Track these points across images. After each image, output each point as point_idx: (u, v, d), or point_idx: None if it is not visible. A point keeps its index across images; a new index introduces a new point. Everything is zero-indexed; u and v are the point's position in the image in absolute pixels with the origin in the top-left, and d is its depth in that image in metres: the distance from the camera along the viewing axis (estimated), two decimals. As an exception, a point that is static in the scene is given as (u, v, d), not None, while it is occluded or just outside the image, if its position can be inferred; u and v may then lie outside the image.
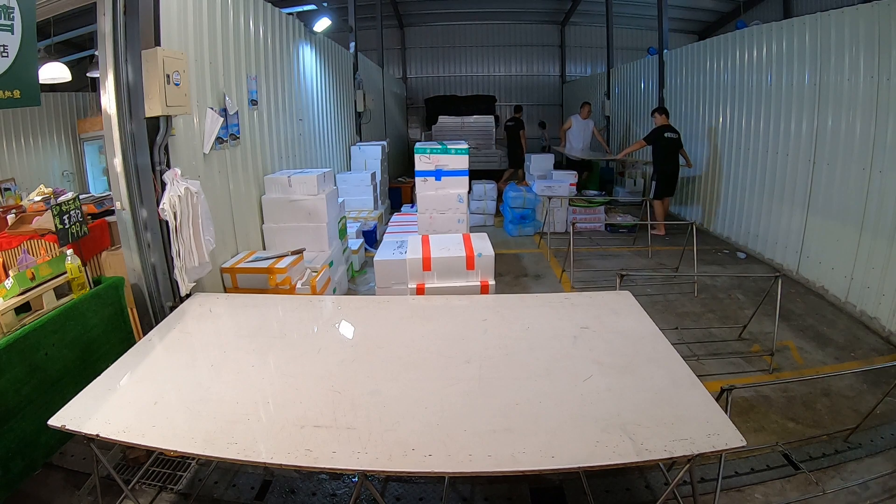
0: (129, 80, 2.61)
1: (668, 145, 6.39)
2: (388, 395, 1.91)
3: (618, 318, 2.50)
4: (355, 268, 5.27)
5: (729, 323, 4.01)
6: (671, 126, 6.48)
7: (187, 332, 2.47)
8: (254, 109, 4.12)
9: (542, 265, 5.65)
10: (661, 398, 1.84)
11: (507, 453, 1.59)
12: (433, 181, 4.30)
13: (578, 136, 8.83)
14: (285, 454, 1.61)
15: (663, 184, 6.53)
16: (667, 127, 6.44)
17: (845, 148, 4.25)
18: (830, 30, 4.39)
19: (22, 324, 2.26)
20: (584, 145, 8.88)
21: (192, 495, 2.36)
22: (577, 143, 8.84)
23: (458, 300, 2.83)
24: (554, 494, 2.35)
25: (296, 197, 4.07)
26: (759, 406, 2.93)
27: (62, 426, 1.76)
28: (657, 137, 6.43)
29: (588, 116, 8.85)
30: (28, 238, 3.22)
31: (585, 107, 8.89)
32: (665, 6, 7.99)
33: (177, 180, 2.70)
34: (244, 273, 3.38)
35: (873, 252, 3.89)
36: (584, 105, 8.94)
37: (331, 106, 6.59)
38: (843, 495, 2.27)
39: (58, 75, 5.28)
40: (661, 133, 6.40)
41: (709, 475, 2.35)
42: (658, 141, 6.43)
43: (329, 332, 2.59)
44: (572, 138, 8.88)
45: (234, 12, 3.75)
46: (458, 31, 14.83)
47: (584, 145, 8.90)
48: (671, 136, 6.38)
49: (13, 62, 2.17)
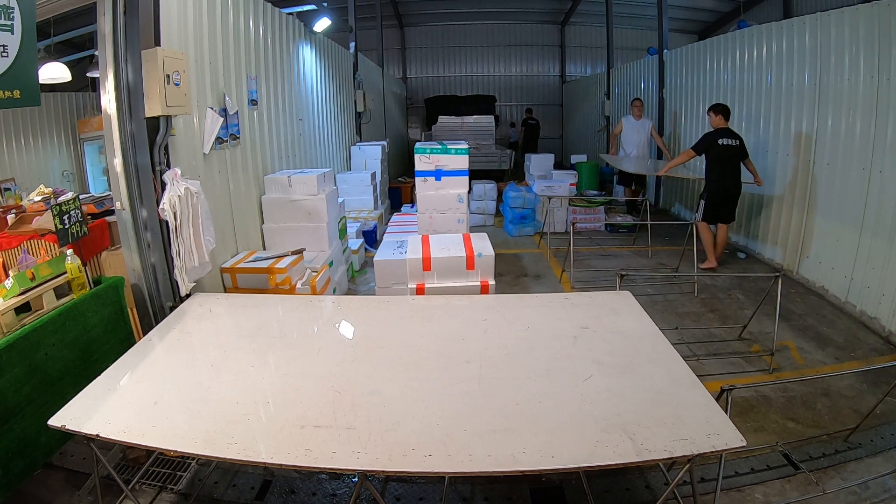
0: (129, 80, 2.61)
1: (725, 155, 4.95)
2: (388, 395, 1.91)
3: (618, 318, 2.50)
4: (355, 268, 5.27)
5: (729, 323, 4.01)
6: (730, 130, 5.03)
7: (187, 332, 2.47)
8: (254, 109, 4.12)
9: (542, 265, 5.65)
10: (661, 398, 1.84)
11: (507, 453, 1.59)
12: (433, 181, 4.30)
13: (632, 141, 7.31)
14: (285, 454, 1.60)
15: (714, 204, 5.07)
16: (724, 131, 4.99)
17: (845, 148, 4.25)
18: (830, 30, 4.39)
19: (22, 324, 2.26)
20: (640, 152, 7.36)
21: (192, 495, 2.36)
22: (632, 148, 7.33)
23: (458, 300, 2.83)
24: (554, 494, 2.35)
25: (296, 197, 4.07)
26: (759, 406, 2.92)
27: (62, 426, 1.75)
28: (710, 145, 5.01)
29: (642, 115, 7.35)
30: (28, 238, 3.22)
31: (636, 104, 7.32)
32: (665, 6, 7.99)
33: (177, 180, 2.70)
34: (244, 273, 3.38)
35: (873, 252, 3.89)
36: (635, 102, 7.37)
37: (331, 106, 6.59)
38: (843, 495, 2.27)
39: (58, 75, 5.28)
40: (714, 139, 4.98)
41: (709, 475, 2.35)
42: (712, 150, 5.02)
43: (329, 332, 2.59)
44: (626, 144, 7.37)
45: (234, 12, 3.75)
46: (458, 31, 14.85)
47: (641, 152, 7.37)
48: (729, 143, 4.94)
49: (13, 62, 2.17)
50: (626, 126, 7.35)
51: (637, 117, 7.30)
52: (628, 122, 7.35)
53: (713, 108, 5.14)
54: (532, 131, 12.19)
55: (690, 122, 7.19)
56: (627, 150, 7.36)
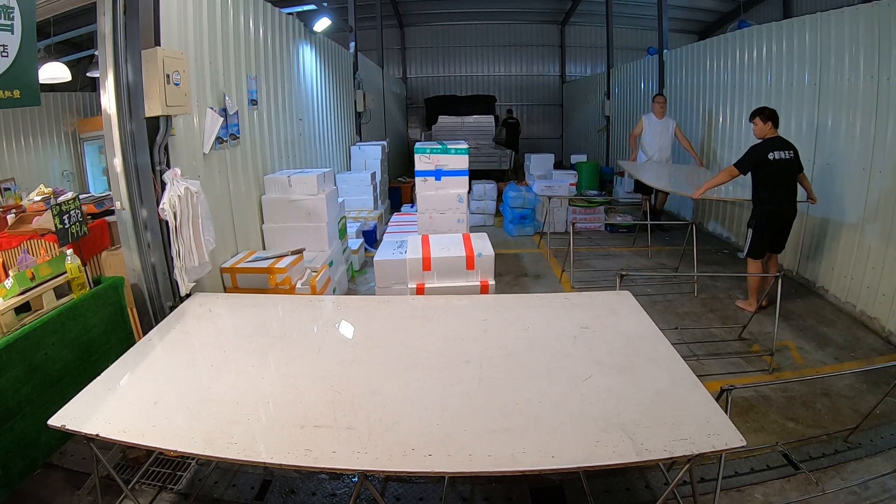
0: (129, 80, 2.61)
1: (778, 172, 3.85)
2: (388, 395, 1.91)
3: (618, 318, 2.50)
4: (355, 268, 5.27)
5: (729, 323, 4.01)
6: (782, 139, 3.93)
7: (187, 332, 2.47)
8: (254, 109, 4.12)
9: (541, 265, 5.65)
10: (661, 398, 1.84)
11: (507, 453, 1.59)
12: (433, 181, 4.30)
13: (654, 144, 6.37)
14: (285, 454, 1.61)
15: (763, 233, 3.97)
16: (775, 142, 3.88)
17: (845, 148, 4.25)
18: (830, 30, 4.39)
19: (22, 324, 2.26)
20: (663, 156, 6.37)
21: (191, 495, 2.36)
22: (654, 151, 6.35)
23: (458, 300, 2.83)
24: (554, 494, 2.35)
25: (296, 197, 4.07)
26: (758, 406, 2.93)
27: (62, 426, 1.76)
28: (759, 161, 3.85)
29: (664, 114, 6.38)
30: (28, 238, 3.22)
31: (659, 100, 6.37)
32: (665, 6, 7.99)
33: (177, 180, 2.70)
34: (244, 273, 3.38)
35: (873, 252, 3.89)
36: (657, 98, 6.43)
37: (331, 106, 6.59)
38: (843, 495, 2.27)
39: (58, 75, 5.28)
40: (764, 154, 3.83)
41: (709, 475, 2.35)
42: (762, 167, 3.86)
43: (329, 332, 2.59)
44: (647, 146, 6.44)
45: (234, 12, 3.75)
46: (458, 31, 14.84)
47: (664, 156, 6.37)
48: (782, 157, 3.82)
49: (13, 62, 2.17)
50: (646, 126, 6.47)
51: (659, 116, 6.37)
52: (649, 121, 6.45)
53: (759, 113, 3.97)
54: (512, 130, 12.26)
55: (691, 123, 7.18)
56: (649, 153, 6.45)
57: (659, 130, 6.37)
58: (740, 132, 5.90)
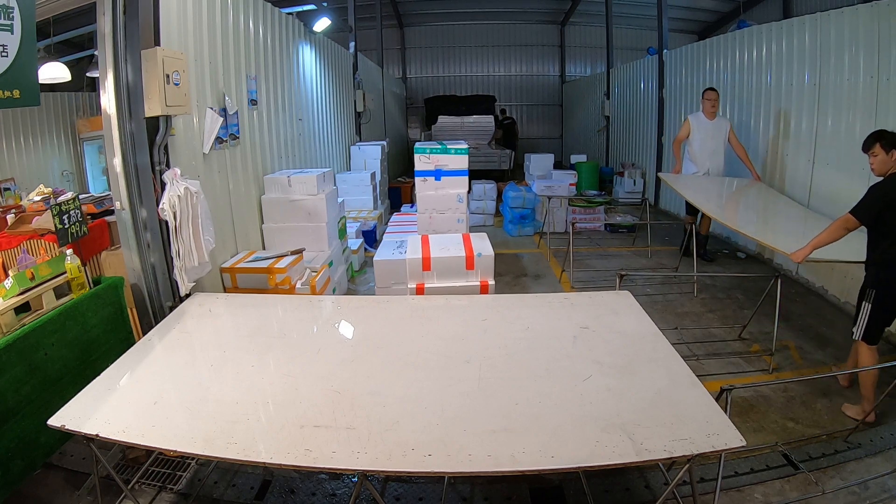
0: (129, 80, 2.61)
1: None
2: (387, 395, 1.91)
3: (618, 318, 2.50)
4: (355, 268, 5.27)
5: (729, 323, 4.01)
6: None
7: (187, 332, 2.47)
8: (253, 109, 4.12)
9: (541, 265, 5.65)
10: (660, 398, 1.84)
11: (506, 453, 1.59)
12: (433, 181, 4.30)
13: (705, 150, 5.14)
14: (285, 454, 1.60)
15: (888, 304, 2.70)
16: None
17: (845, 148, 4.25)
18: (830, 30, 4.39)
19: (22, 324, 2.26)
20: (715, 166, 5.17)
21: (191, 495, 2.36)
22: (705, 160, 5.16)
23: (458, 300, 2.83)
24: (554, 494, 2.34)
25: (296, 197, 4.07)
26: (758, 406, 2.92)
27: (62, 426, 1.76)
28: (886, 205, 2.64)
29: (716, 114, 5.14)
30: (28, 238, 3.22)
31: (709, 96, 5.08)
32: (665, 6, 7.99)
33: (176, 180, 2.70)
34: (244, 273, 3.38)
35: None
36: (708, 93, 5.11)
37: (330, 106, 6.59)
38: (843, 495, 2.27)
39: (57, 75, 5.28)
40: (891, 195, 2.63)
41: (708, 475, 2.35)
42: (888, 213, 2.63)
43: (329, 332, 2.59)
44: (697, 154, 5.20)
45: (234, 12, 3.75)
46: (458, 31, 14.85)
47: (716, 166, 5.17)
48: None
49: (13, 62, 2.17)
50: (695, 128, 5.17)
51: (710, 116, 5.10)
52: (698, 121, 5.16)
53: (878, 139, 2.72)
54: (508, 130, 12.29)
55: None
56: (699, 163, 5.20)
57: (711, 134, 5.11)
58: (740, 133, 5.89)
